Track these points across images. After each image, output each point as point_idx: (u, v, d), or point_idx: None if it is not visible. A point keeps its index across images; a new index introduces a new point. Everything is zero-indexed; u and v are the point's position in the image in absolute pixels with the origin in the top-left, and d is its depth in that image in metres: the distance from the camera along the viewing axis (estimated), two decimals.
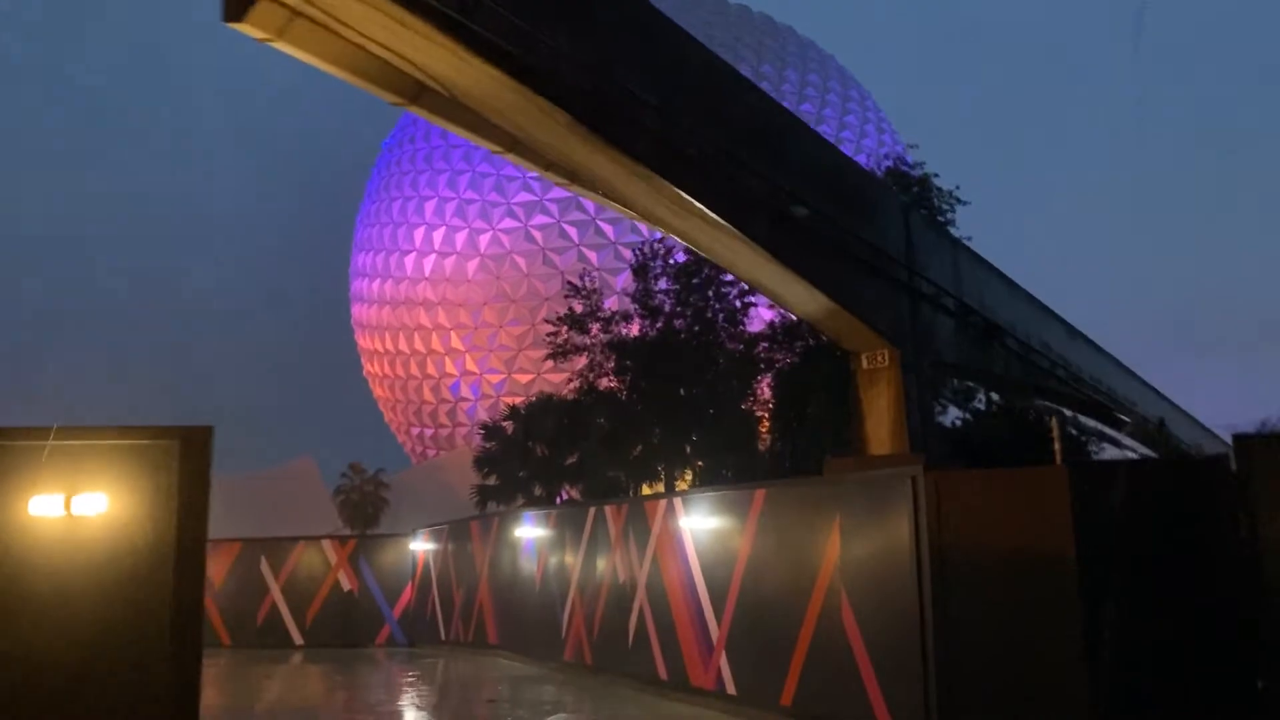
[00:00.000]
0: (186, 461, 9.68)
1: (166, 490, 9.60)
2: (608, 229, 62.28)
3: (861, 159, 65.33)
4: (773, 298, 16.47)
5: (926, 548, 13.85)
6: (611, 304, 41.35)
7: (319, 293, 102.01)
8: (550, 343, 40.05)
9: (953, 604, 13.75)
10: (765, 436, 37.07)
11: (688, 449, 38.91)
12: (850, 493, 15.51)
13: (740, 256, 14.85)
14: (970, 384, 28.24)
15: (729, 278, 38.30)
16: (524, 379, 63.41)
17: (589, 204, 62.93)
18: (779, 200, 14.86)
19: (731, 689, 17.63)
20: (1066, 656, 13.09)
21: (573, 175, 14.68)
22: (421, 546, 31.53)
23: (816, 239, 15.84)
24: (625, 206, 14.85)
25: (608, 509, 21.87)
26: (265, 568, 31.82)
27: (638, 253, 40.03)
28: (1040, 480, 13.76)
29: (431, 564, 30.95)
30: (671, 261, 38.48)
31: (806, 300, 16.24)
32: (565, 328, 39.67)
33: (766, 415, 38.61)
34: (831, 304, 16.31)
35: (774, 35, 67.24)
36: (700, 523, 18.60)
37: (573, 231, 62.67)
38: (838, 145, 66.08)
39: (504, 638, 26.49)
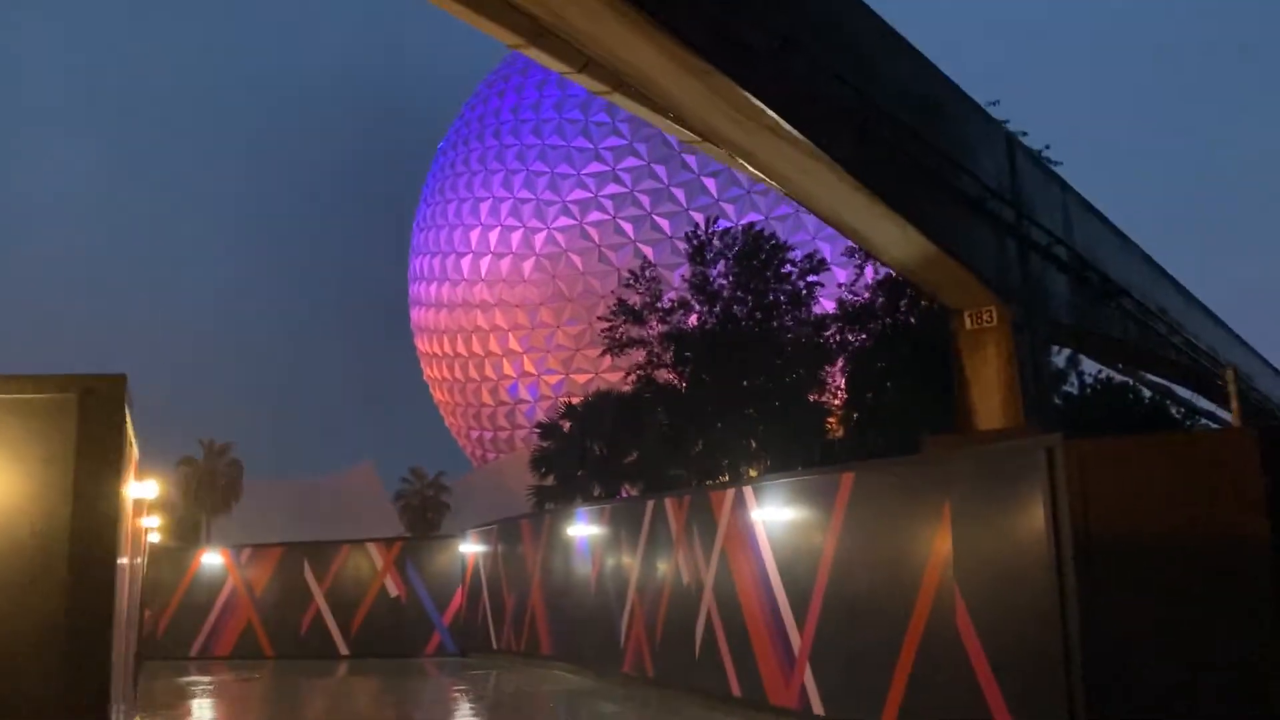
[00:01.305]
0: (88, 422, 6.92)
1: (60, 461, 6.85)
2: (664, 224, 59.46)
3: None
4: (859, 239, 13.51)
5: (1068, 533, 10.75)
6: (671, 298, 38.52)
7: (380, 297, 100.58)
8: (606, 336, 37.29)
9: (1102, 601, 10.65)
10: (836, 427, 33.85)
11: (753, 443, 35.89)
12: (963, 472, 12.39)
13: (819, 184, 11.91)
14: (1070, 356, 24.94)
15: (791, 256, 35.23)
16: (582, 379, 60.72)
17: (645, 199, 60.22)
18: (867, 113, 11.90)
19: (819, 708, 14.55)
20: (1263, 662, 9.95)
21: (615, 80, 11.84)
22: (471, 549, 28.81)
23: (910, 165, 12.81)
24: (680, 122, 11.97)
25: (668, 502, 18.91)
26: (309, 574, 29.33)
27: (693, 236, 37.12)
28: (1220, 446, 10.59)
29: (481, 567, 28.21)
30: (730, 244, 35.53)
31: (898, 241, 13.21)
32: (622, 320, 36.90)
33: (838, 404, 35.43)
34: (929, 245, 13.24)
35: None
36: (776, 514, 15.57)
37: (628, 228, 59.96)
38: None
39: (558, 647, 23.62)
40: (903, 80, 12.95)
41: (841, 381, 34.64)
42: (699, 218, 55.84)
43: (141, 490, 10.18)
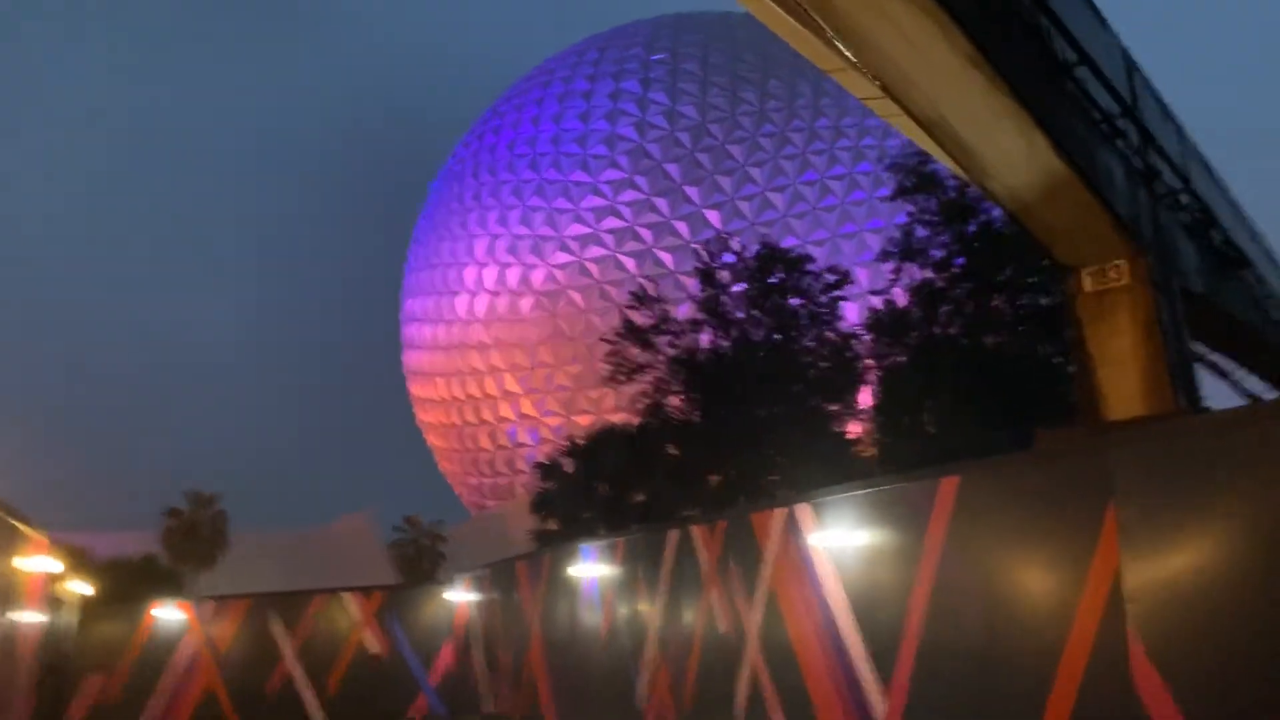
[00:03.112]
0: None
1: None
2: (666, 258, 55.92)
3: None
4: (962, 153, 9.77)
5: None
6: (681, 318, 34.82)
7: (373, 340, 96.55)
8: (610, 361, 33.50)
9: None
10: (870, 451, 29.90)
11: (776, 478, 31.91)
12: (1135, 461, 8.53)
13: (923, 58, 8.28)
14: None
15: (812, 268, 31.46)
16: (584, 421, 56.61)
17: (646, 234, 56.78)
18: None
19: None
20: None
21: None
22: (461, 597, 24.68)
23: (1036, 51, 9.18)
24: None
25: (696, 532, 14.93)
26: (278, 628, 25.17)
27: (702, 253, 33.60)
28: None
29: (473, 617, 24.07)
30: (744, 258, 31.91)
31: (1018, 157, 9.51)
32: (627, 344, 33.13)
33: (864, 428, 31.51)
34: (1057, 164, 9.54)
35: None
36: (845, 538, 11.65)
37: (630, 263, 56.40)
38: (859, 149, 58.93)
39: (563, 709, 19.43)
40: None
41: (873, 399, 30.80)
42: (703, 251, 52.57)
43: None
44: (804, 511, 12.44)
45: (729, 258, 33.43)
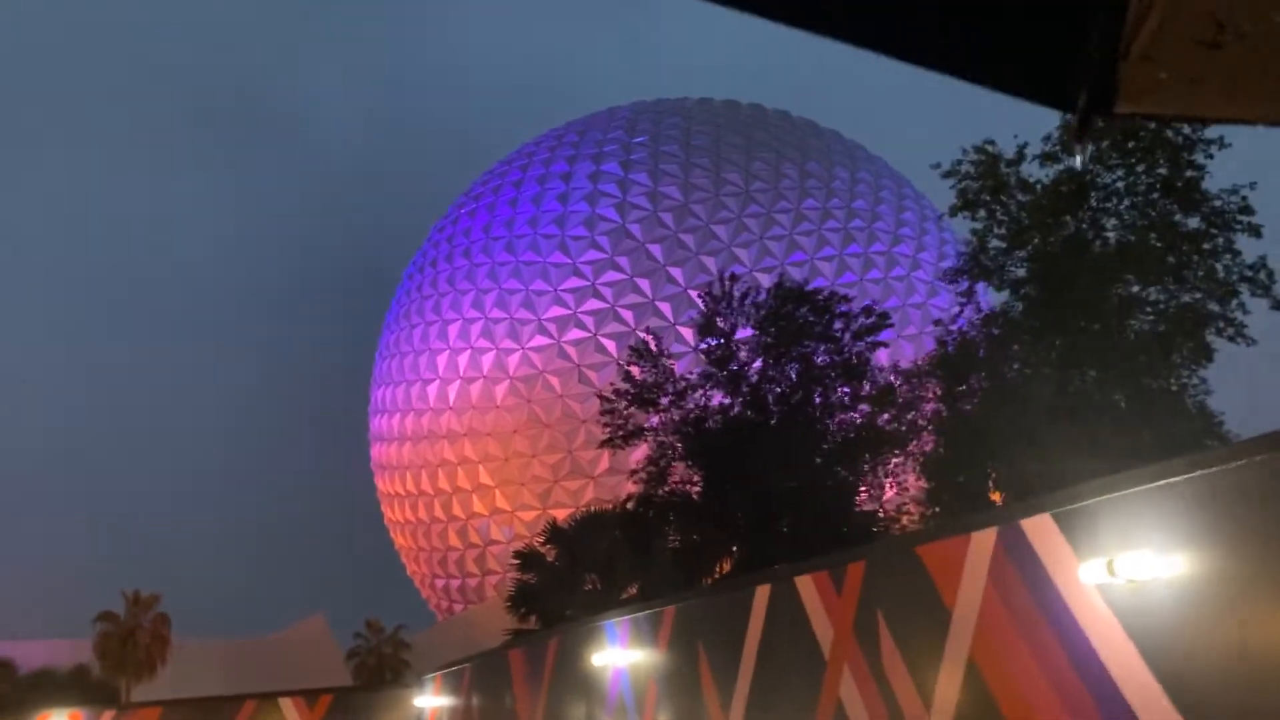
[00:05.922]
0: None
1: None
2: (650, 340, 50.74)
3: (925, 256, 54.68)
4: None
5: None
6: (687, 376, 29.50)
7: (338, 435, 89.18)
8: (607, 424, 28.09)
9: None
10: (913, 511, 24.42)
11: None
12: None
13: None
14: None
15: (845, 308, 26.29)
16: (562, 514, 50.53)
17: (628, 315, 51.92)
18: None
19: None
20: None
21: None
22: (432, 702, 18.48)
23: None
24: None
25: (805, 584, 9.24)
26: None
27: (705, 298, 28.50)
28: None
29: None
30: (754, 301, 26.89)
31: None
32: (625, 404, 27.79)
33: (899, 505, 26.09)
34: None
35: (818, 136, 57.72)
36: (1148, 566, 6.09)
37: (611, 345, 51.23)
38: (897, 243, 55.60)
39: None
40: None
41: (908, 473, 25.44)
42: (687, 333, 47.69)
43: None
44: (1042, 527, 6.89)
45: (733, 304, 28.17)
